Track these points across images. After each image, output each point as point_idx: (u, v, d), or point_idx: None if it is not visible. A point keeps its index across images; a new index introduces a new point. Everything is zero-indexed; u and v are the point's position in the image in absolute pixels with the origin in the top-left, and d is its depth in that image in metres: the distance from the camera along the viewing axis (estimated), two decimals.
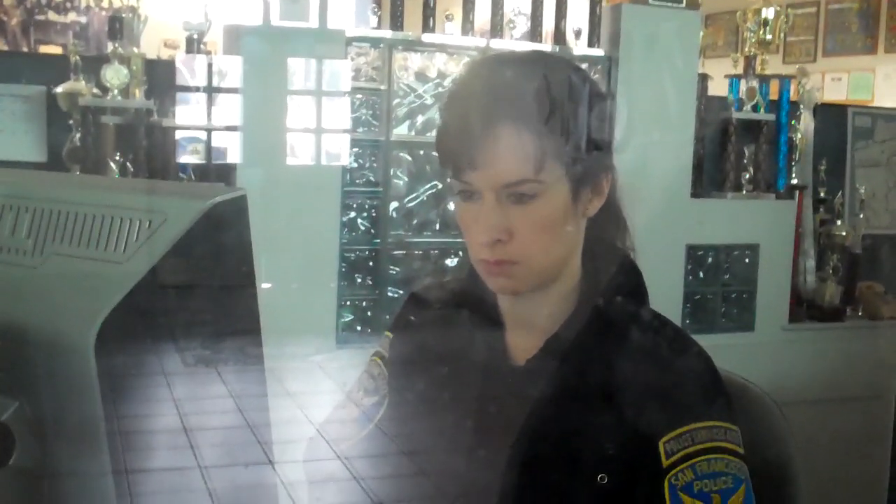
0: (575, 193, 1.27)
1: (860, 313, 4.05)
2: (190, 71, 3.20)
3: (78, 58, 3.20)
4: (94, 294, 0.85)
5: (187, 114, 3.18)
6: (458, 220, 1.30)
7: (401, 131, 3.41)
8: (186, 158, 3.21)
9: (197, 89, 3.18)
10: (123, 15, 3.33)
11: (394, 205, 3.41)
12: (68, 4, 6.97)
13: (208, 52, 3.37)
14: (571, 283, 1.34)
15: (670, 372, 1.27)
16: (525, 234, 1.25)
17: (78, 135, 3.20)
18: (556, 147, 1.23)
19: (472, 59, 1.37)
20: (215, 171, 3.21)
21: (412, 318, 1.49)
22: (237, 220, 0.87)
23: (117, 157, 3.18)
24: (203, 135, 3.19)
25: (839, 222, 4.08)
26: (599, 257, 1.36)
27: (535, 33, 3.68)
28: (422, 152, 3.42)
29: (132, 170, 3.20)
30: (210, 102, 3.19)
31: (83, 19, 6.80)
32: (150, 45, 4.80)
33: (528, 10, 3.71)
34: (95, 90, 3.22)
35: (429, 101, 3.43)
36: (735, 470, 1.21)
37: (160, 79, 3.34)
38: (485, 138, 1.22)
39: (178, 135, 3.19)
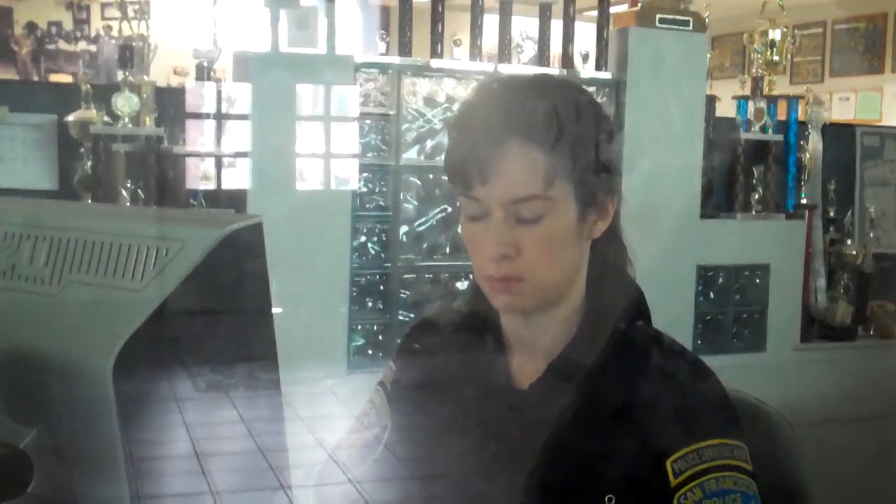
0: (581, 214, 1.28)
1: (872, 332, 4.05)
2: (200, 98, 3.23)
3: (89, 86, 3.22)
4: (112, 321, 0.85)
5: (198, 141, 3.21)
6: (465, 238, 1.31)
7: (410, 156, 3.42)
8: (197, 185, 3.22)
9: (207, 116, 3.21)
10: (133, 44, 3.35)
11: (404, 229, 3.42)
12: (78, 34, 7.02)
13: (218, 80, 3.39)
14: (575, 304, 1.34)
15: (675, 391, 1.27)
16: (531, 251, 1.25)
17: (89, 163, 3.21)
18: (564, 166, 1.24)
19: (481, 81, 1.38)
20: (226, 197, 3.22)
21: (416, 345, 1.49)
22: (254, 246, 0.88)
23: (128, 185, 3.19)
24: (213, 161, 3.22)
25: (849, 241, 4.08)
26: (603, 280, 1.36)
27: (542, 57, 3.69)
28: (431, 176, 3.43)
29: (143, 197, 3.22)
30: (220, 129, 3.21)
31: (93, 48, 6.84)
32: (160, 72, 4.84)
33: (535, 34, 3.73)
34: (106, 118, 3.24)
35: (437, 126, 3.44)
36: (744, 487, 1.21)
37: (170, 106, 3.36)
38: (495, 152, 1.24)
39: (189, 162, 3.21)
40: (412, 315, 3.37)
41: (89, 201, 3.19)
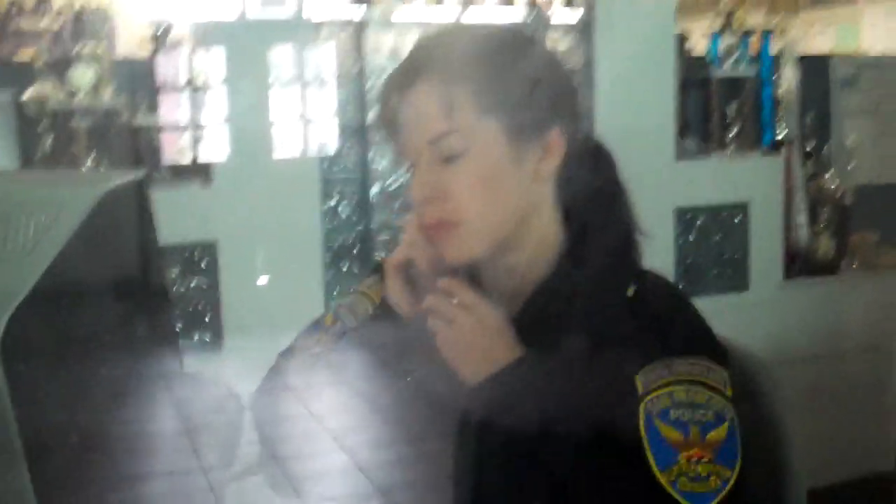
0: (514, 150, 1.23)
1: (855, 265, 4.01)
2: (168, 68, 3.17)
3: (43, 62, 3.14)
4: None
5: (164, 111, 3.15)
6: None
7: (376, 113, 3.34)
8: (174, 158, 3.17)
9: (171, 86, 3.15)
10: (86, 17, 3.27)
11: (375, 189, 3.35)
12: (43, 9, 6.90)
13: (177, 48, 3.32)
14: (545, 248, 1.30)
15: (655, 325, 1.23)
16: (460, 193, 1.22)
17: (49, 140, 3.14)
18: (478, 100, 1.21)
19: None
20: (192, 168, 3.17)
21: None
22: (137, 204, 0.82)
23: (90, 160, 3.12)
24: (183, 133, 3.16)
25: (829, 174, 4.03)
26: (587, 222, 1.31)
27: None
28: None
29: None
30: (194, 99, 3.15)
31: (57, 24, 6.71)
32: (130, 43, 4.75)
33: None
34: (64, 93, 3.16)
35: None
36: (718, 406, 1.15)
37: (137, 77, 3.29)
38: (403, 97, 1.24)
39: (164, 135, 3.16)
40: None
41: None
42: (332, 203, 3.30)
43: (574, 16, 3.60)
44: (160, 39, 3.26)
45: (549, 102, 1.26)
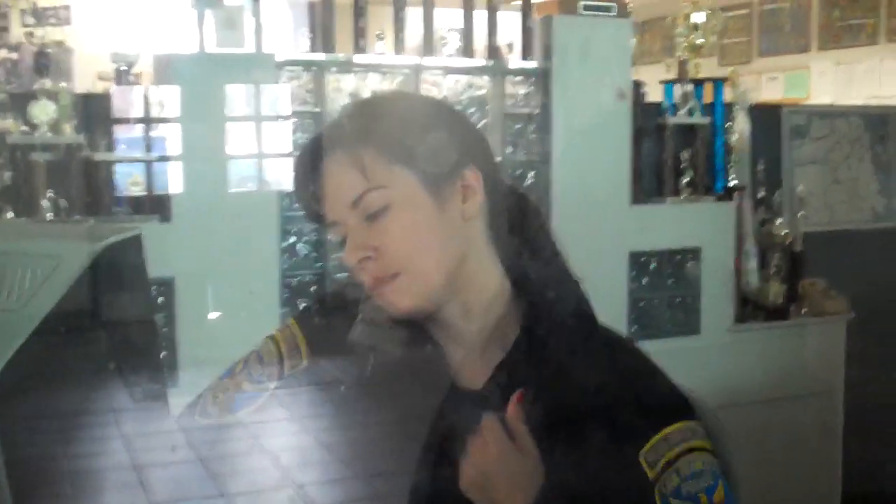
0: (434, 193, 1.26)
1: (804, 310, 4.08)
2: (126, 102, 3.17)
3: (4, 95, 3.14)
4: None
5: (124, 146, 3.15)
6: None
7: None
8: (126, 191, 3.17)
9: (128, 120, 3.16)
10: (48, 50, 3.28)
11: None
12: None
13: (138, 83, 3.33)
14: (491, 292, 1.31)
15: (629, 383, 1.26)
16: (391, 245, 1.24)
17: (8, 174, 3.13)
18: (387, 154, 1.24)
19: None
20: (150, 203, 3.17)
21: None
22: (132, 259, 0.85)
23: (50, 195, 3.11)
24: (141, 166, 3.17)
25: (779, 221, 4.11)
26: (533, 268, 1.33)
27: (467, 49, 3.67)
28: None
29: (66, 206, 3.14)
30: (148, 133, 3.16)
31: (15, 56, 6.69)
32: (86, 78, 4.75)
33: (459, 25, 3.70)
34: (24, 128, 3.16)
35: None
36: (712, 466, 1.21)
37: (94, 112, 3.28)
38: (320, 169, 1.26)
39: (118, 168, 3.16)
40: None
41: (10, 215, 3.11)
42: (291, 241, 3.32)
43: (532, 63, 3.66)
44: (120, 74, 3.28)
45: (455, 146, 1.29)
